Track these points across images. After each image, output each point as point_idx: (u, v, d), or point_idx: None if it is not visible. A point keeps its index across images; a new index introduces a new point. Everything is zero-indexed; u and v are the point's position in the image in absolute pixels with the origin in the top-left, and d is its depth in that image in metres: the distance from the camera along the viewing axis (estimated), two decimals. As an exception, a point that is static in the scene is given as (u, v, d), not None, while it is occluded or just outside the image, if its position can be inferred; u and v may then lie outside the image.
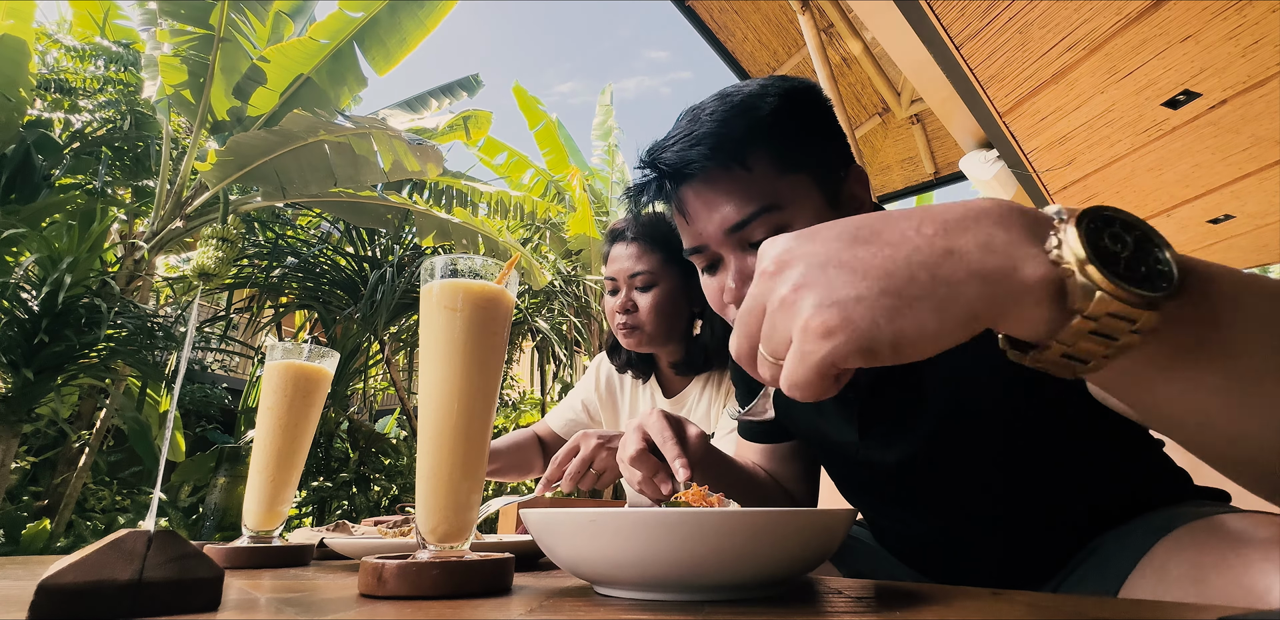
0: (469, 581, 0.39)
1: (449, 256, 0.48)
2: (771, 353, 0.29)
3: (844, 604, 0.35)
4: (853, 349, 0.26)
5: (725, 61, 3.02)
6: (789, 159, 0.55)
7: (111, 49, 5.47)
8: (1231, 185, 2.44)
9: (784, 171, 0.55)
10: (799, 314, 0.27)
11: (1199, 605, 0.32)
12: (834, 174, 0.57)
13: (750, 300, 0.30)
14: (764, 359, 0.30)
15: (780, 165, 0.55)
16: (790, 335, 0.28)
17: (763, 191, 0.54)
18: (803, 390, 0.28)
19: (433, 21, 5.16)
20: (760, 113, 0.55)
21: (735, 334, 0.32)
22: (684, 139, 0.55)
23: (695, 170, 0.54)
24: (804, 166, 0.56)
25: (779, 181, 0.54)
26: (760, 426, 0.82)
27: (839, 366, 0.27)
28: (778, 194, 0.54)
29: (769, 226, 0.54)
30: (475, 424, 0.46)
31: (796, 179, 0.55)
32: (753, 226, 0.54)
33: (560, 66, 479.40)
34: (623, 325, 1.11)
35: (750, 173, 0.54)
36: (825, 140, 0.58)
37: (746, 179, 0.54)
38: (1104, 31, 1.76)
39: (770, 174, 0.54)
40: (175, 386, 4.22)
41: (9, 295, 3.59)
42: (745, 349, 0.31)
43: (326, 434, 5.34)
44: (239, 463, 5.43)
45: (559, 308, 6.75)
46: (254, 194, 5.05)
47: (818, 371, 0.27)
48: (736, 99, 0.56)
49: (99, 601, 0.29)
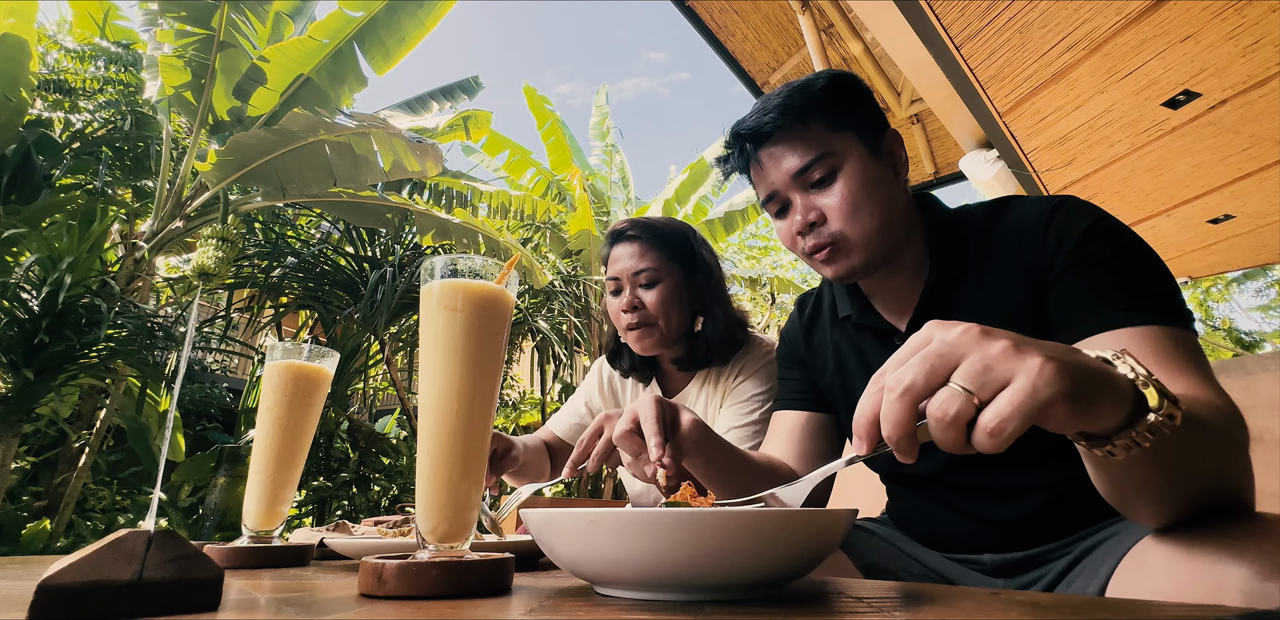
0: (469, 581, 0.39)
1: (449, 256, 0.48)
2: (979, 388, 0.34)
3: (844, 604, 0.35)
4: (1069, 395, 0.33)
5: (725, 61, 3.02)
6: (837, 121, 0.70)
7: (111, 50, 5.47)
8: (1231, 185, 2.44)
9: (834, 130, 0.70)
10: (1028, 359, 0.34)
11: (1199, 605, 0.33)
12: (874, 133, 0.72)
13: (943, 346, 0.36)
14: (957, 393, 0.34)
15: (831, 125, 0.70)
16: (1012, 376, 0.33)
17: (819, 143, 0.69)
18: (1011, 423, 0.33)
19: (432, 21, 5.16)
20: (814, 88, 0.71)
21: (911, 369, 0.36)
22: (757, 112, 0.72)
23: (769, 129, 0.71)
24: (849, 127, 0.71)
25: (830, 136, 0.70)
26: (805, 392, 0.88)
27: (1055, 406, 0.33)
28: (830, 145, 0.69)
29: (825, 169, 0.69)
30: (475, 424, 0.46)
31: (844, 136, 0.70)
32: (812, 169, 0.69)
33: (560, 68, 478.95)
34: (633, 325, 1.11)
35: (808, 129, 0.70)
36: (865, 110, 0.73)
37: (805, 135, 0.70)
38: (1104, 31, 1.77)
39: (823, 132, 0.70)
40: (175, 386, 4.22)
41: (9, 295, 3.59)
42: (921, 386, 0.35)
43: (326, 434, 5.34)
44: (239, 463, 5.43)
45: (559, 308, 6.75)
46: (254, 194, 5.05)
47: (1041, 406, 0.32)
48: (797, 83, 0.73)
49: (99, 601, 0.29)
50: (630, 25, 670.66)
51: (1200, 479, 0.45)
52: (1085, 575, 0.59)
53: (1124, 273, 0.59)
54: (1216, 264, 3.35)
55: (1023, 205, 0.70)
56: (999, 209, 0.72)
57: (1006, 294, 0.67)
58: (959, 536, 0.74)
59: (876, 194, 0.69)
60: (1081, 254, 0.61)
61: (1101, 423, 0.36)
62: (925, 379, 0.35)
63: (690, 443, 0.66)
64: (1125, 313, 0.56)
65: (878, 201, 0.69)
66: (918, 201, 0.77)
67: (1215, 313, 11.29)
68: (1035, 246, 0.65)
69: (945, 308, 0.72)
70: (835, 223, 0.69)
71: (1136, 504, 0.48)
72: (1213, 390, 0.51)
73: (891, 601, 0.35)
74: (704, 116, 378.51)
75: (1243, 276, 10.82)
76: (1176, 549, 0.45)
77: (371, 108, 14.38)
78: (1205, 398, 0.49)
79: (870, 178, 0.69)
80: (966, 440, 0.34)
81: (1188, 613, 0.29)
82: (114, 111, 5.29)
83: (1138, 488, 0.46)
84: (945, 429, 0.34)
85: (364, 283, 5.20)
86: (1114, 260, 0.60)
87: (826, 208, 0.69)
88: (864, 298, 0.80)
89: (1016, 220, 0.69)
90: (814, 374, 0.87)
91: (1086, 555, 0.63)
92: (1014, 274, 0.67)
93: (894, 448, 0.36)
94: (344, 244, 5.76)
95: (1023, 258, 0.66)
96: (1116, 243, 0.61)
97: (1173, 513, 0.47)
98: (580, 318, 7.11)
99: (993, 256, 0.69)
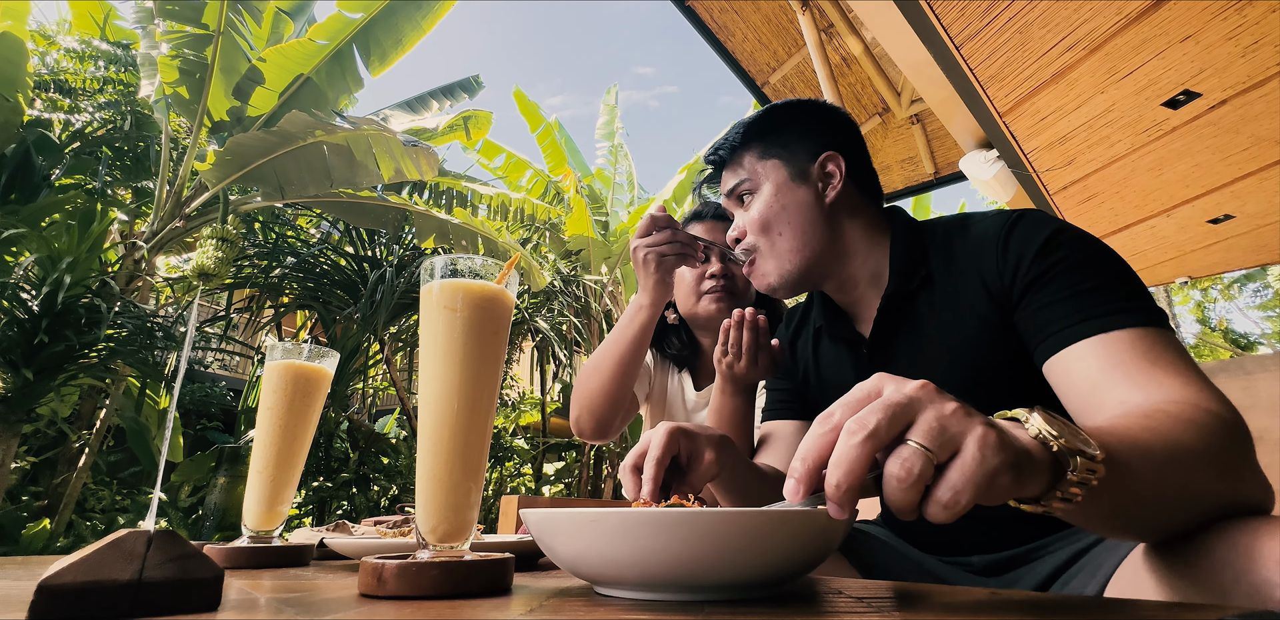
0: (469, 581, 0.39)
1: (449, 256, 0.48)
2: (938, 449, 0.32)
3: (844, 604, 0.35)
4: (1012, 464, 0.32)
5: (725, 62, 3.01)
6: (765, 150, 0.81)
7: (112, 52, 5.47)
8: (1231, 185, 2.44)
9: (761, 158, 0.81)
10: (975, 425, 0.33)
11: (1199, 605, 0.33)
12: (802, 158, 0.79)
13: (901, 396, 0.34)
14: (918, 451, 0.32)
15: (760, 154, 0.81)
16: (962, 441, 0.32)
17: (744, 171, 0.82)
18: (965, 495, 0.32)
19: (429, 23, 5.17)
20: (745, 122, 0.84)
21: (874, 414, 0.33)
22: (711, 148, 0.86)
23: (711, 160, 0.87)
24: (775, 155, 0.80)
25: (756, 164, 0.81)
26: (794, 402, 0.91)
27: (1001, 476, 0.32)
28: (753, 172, 0.81)
29: (745, 192, 0.81)
30: (475, 424, 0.46)
31: (768, 163, 0.81)
32: (735, 192, 0.82)
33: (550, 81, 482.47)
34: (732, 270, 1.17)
35: (739, 158, 0.83)
36: (800, 137, 0.81)
37: (736, 163, 0.83)
38: (1104, 31, 1.76)
39: (752, 160, 0.82)
40: (175, 386, 4.22)
41: (9, 295, 3.59)
42: (884, 433, 0.33)
43: (326, 434, 5.33)
44: (239, 463, 5.42)
45: (559, 308, 6.75)
46: (254, 194, 5.05)
47: (990, 476, 0.32)
48: (744, 119, 0.85)
49: (99, 601, 0.29)
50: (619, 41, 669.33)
51: (1181, 500, 0.44)
52: (1084, 575, 0.59)
53: (1091, 279, 0.59)
54: (1216, 264, 3.34)
55: (984, 220, 0.71)
56: (961, 223, 0.73)
57: (967, 308, 0.68)
58: (946, 539, 0.75)
59: (786, 214, 0.77)
60: (1044, 266, 0.61)
61: (1030, 488, 0.35)
62: (888, 427, 0.33)
63: (706, 479, 0.63)
64: (1101, 319, 0.56)
65: (784, 222, 0.77)
66: (887, 215, 0.80)
67: (1211, 314, 11.31)
68: (994, 263, 0.66)
69: (906, 320, 0.73)
70: (750, 238, 0.80)
71: (1119, 535, 0.47)
72: (1200, 390, 0.50)
73: (891, 601, 0.35)
74: (692, 125, 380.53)
75: (1244, 278, 10.83)
76: (1178, 550, 0.45)
77: (372, 107, 14.30)
78: (1181, 408, 0.47)
79: (779, 200, 0.78)
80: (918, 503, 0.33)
81: (1188, 613, 0.29)
82: (113, 112, 5.29)
83: (1110, 525, 0.44)
84: (906, 490, 0.32)
85: (364, 283, 5.20)
86: (1079, 268, 0.60)
87: (746, 225, 0.80)
88: (836, 308, 0.83)
89: (976, 235, 0.70)
90: (799, 384, 0.90)
91: (1083, 554, 0.63)
92: (974, 288, 0.68)
93: (834, 497, 0.33)
94: (344, 244, 5.77)
95: (982, 273, 0.67)
96: (1079, 251, 0.61)
97: (1163, 534, 0.46)
98: (580, 318, 7.11)
99: (952, 271, 0.70)
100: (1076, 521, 0.43)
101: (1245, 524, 0.42)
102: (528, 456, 7.00)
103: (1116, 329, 0.55)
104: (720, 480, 0.68)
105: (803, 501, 0.35)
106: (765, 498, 0.73)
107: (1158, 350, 0.53)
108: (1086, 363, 0.55)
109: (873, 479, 0.34)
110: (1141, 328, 0.54)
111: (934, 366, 0.70)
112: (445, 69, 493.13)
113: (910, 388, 0.35)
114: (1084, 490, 0.35)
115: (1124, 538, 0.49)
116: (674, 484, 0.61)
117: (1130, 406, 0.50)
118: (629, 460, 0.60)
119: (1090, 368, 0.54)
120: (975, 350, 0.68)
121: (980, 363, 0.68)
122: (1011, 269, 0.64)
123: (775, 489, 0.76)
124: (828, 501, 0.33)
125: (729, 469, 0.64)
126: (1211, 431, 0.45)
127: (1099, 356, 0.54)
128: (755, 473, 0.75)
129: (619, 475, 0.63)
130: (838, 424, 0.35)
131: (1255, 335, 11.36)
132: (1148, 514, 0.44)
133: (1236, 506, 0.45)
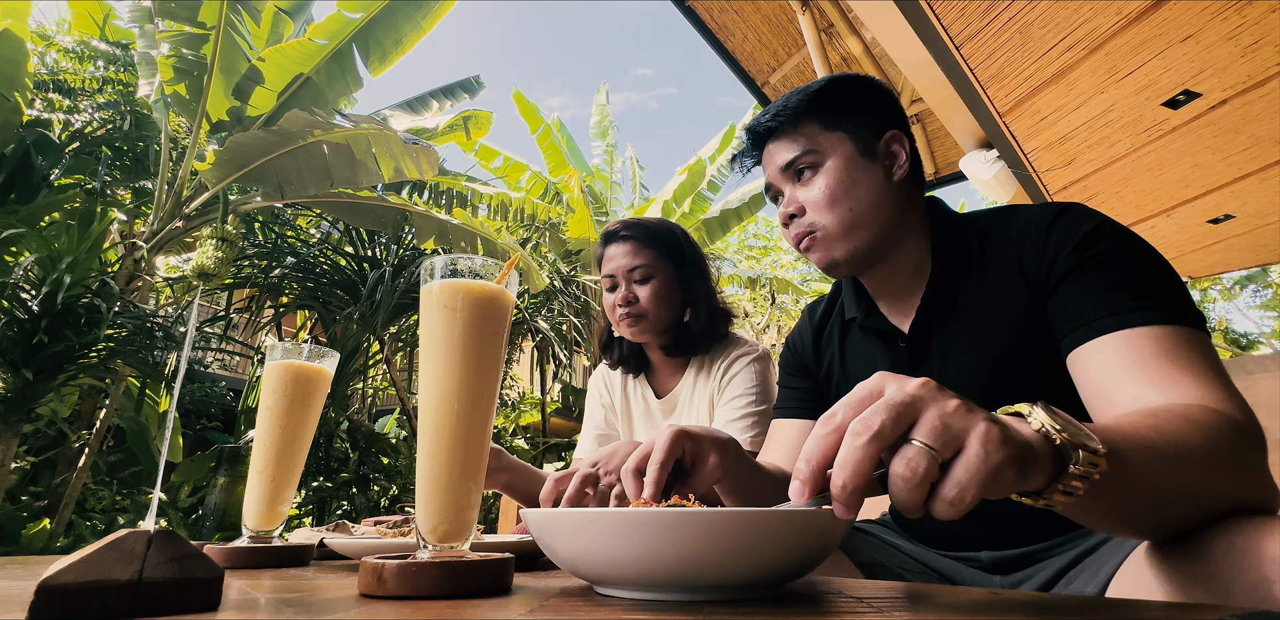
0: (469, 581, 0.39)
1: (449, 256, 0.48)
2: (941, 447, 0.32)
3: (844, 604, 0.35)
4: (1014, 459, 0.32)
5: (725, 62, 3.01)
6: (831, 121, 0.76)
7: (111, 52, 5.47)
8: (1231, 185, 2.44)
9: (826, 129, 0.76)
10: (977, 422, 0.33)
11: (1199, 605, 0.33)
12: (869, 133, 0.75)
13: (903, 395, 0.34)
14: (923, 451, 0.33)
15: (824, 125, 0.76)
16: (966, 438, 0.33)
17: (807, 141, 0.75)
18: (970, 491, 0.32)
19: (429, 23, 5.16)
20: (810, 90, 0.77)
21: (878, 415, 0.33)
22: (764, 112, 0.80)
23: (769, 126, 0.78)
24: (842, 128, 0.75)
25: (820, 135, 0.75)
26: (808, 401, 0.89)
27: (1004, 471, 0.32)
28: (817, 143, 0.75)
29: (808, 164, 0.75)
30: (475, 424, 0.46)
31: (834, 135, 0.75)
32: (797, 163, 0.76)
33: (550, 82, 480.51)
34: (626, 315, 1.19)
35: (801, 128, 0.76)
36: (866, 110, 0.77)
37: (796, 133, 0.76)
38: (1104, 31, 1.76)
39: (815, 130, 0.76)
40: (175, 386, 4.22)
41: (9, 295, 3.59)
42: (889, 433, 0.33)
43: (326, 434, 5.33)
44: (239, 463, 5.42)
45: (559, 308, 6.75)
46: (253, 194, 5.05)
47: (994, 472, 0.32)
48: (802, 86, 0.79)
49: (99, 601, 0.29)
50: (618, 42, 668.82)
51: (1183, 498, 0.44)
52: (1086, 575, 0.59)
53: (1126, 274, 0.58)
54: (1216, 264, 3.34)
55: (1027, 211, 0.70)
56: (1004, 214, 0.73)
57: (1006, 299, 0.68)
58: (957, 534, 0.75)
59: (855, 190, 0.73)
60: (1082, 257, 0.61)
61: (1033, 482, 0.35)
62: (893, 426, 0.33)
63: (710, 482, 0.62)
64: (1127, 314, 0.55)
65: (856, 198, 0.73)
66: (927, 204, 0.78)
67: (1211, 314, 11.31)
68: (1035, 251, 0.65)
69: (946, 311, 0.72)
70: (812, 214, 0.74)
71: (1121, 532, 0.47)
72: (1215, 391, 0.49)
73: (891, 601, 0.35)
74: (691, 126, 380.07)
75: (1244, 279, 10.83)
76: (1178, 550, 0.45)
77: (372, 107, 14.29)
78: (1191, 409, 0.47)
79: (850, 175, 0.73)
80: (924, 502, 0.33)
81: (1188, 613, 0.29)
82: (113, 112, 5.28)
83: (1111, 522, 0.45)
84: (912, 489, 0.32)
85: (364, 283, 5.20)
86: (1115, 262, 0.60)
87: (806, 201, 0.75)
88: (870, 300, 0.80)
89: (1019, 225, 0.69)
90: (820, 380, 0.88)
91: (1087, 555, 0.64)
92: (1014, 279, 0.67)
93: (839, 498, 0.33)
94: (344, 244, 5.76)
95: (1022, 262, 0.67)
96: (1117, 245, 0.61)
97: (1165, 532, 0.46)
98: (580, 318, 7.11)
99: (994, 261, 0.70)
100: (1078, 518, 0.43)
101: (1245, 523, 0.42)
102: (528, 456, 7.01)
103: (1142, 325, 0.54)
104: (724, 483, 0.68)
105: (808, 502, 0.36)
106: (770, 499, 0.73)
107: (1180, 350, 0.52)
108: (1107, 357, 0.55)
109: (877, 478, 0.34)
110: (1169, 326, 0.54)
111: (969, 357, 0.70)
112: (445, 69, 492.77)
113: (912, 386, 0.35)
114: (1085, 484, 0.35)
115: (1125, 535, 0.49)
116: (675, 486, 0.61)
117: (1142, 404, 0.50)
118: (631, 463, 0.60)
119: (1109, 362, 0.54)
120: (1009, 340, 0.67)
121: (1014, 353, 0.67)
122: (1051, 257, 0.64)
123: (780, 490, 0.75)
124: (833, 502, 0.34)
125: (733, 472, 0.64)
126: (1220, 433, 0.45)
127: (1120, 352, 0.54)
128: (759, 474, 0.75)
129: (620, 477, 0.62)
130: (841, 424, 0.35)
131: (1255, 335, 11.37)
132: (1149, 511, 0.44)
133: (1240, 507, 0.45)
